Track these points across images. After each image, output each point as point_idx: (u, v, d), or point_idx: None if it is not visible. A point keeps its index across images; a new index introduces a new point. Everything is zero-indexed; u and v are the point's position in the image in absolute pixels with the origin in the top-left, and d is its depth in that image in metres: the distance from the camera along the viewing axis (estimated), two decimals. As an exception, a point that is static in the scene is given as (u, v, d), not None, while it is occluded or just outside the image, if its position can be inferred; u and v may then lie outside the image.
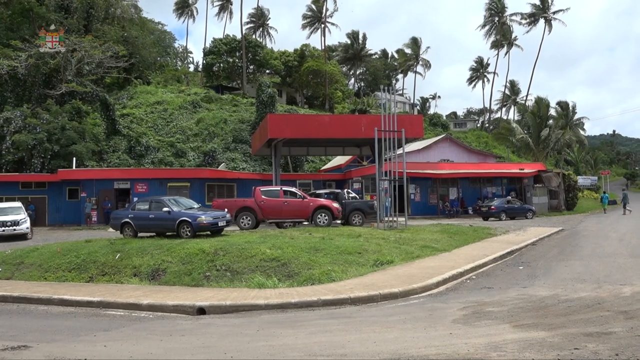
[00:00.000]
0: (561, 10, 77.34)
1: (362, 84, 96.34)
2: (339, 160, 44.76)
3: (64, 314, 9.78)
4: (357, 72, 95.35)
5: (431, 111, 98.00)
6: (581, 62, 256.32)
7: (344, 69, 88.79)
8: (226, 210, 17.75)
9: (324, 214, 19.61)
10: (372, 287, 10.07)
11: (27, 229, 23.20)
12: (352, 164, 41.08)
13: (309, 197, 20.52)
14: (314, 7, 77.80)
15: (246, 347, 6.56)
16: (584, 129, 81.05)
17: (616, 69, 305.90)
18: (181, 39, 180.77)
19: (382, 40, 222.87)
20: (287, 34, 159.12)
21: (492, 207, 30.31)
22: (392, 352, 5.88)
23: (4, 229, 22.40)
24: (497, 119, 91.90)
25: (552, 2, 76.03)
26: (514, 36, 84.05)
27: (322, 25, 77.55)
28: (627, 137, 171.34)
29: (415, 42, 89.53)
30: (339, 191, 24.18)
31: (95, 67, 41.88)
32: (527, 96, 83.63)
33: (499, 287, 10.41)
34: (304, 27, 79.89)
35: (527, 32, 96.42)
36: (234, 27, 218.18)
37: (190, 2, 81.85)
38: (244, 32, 68.57)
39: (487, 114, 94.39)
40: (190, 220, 15.68)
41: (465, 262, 12.78)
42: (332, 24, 78.16)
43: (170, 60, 77.66)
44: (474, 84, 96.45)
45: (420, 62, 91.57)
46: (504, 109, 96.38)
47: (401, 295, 9.71)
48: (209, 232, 16.33)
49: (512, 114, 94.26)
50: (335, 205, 20.06)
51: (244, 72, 65.34)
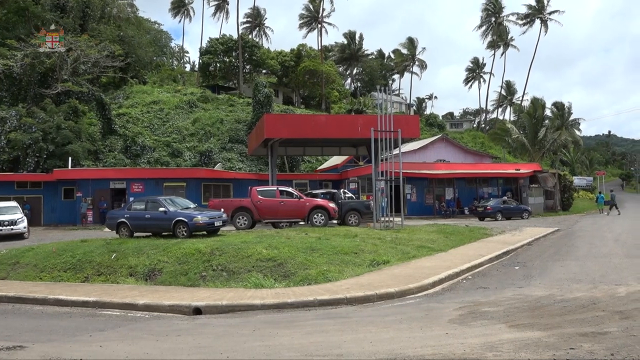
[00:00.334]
0: (557, 11, 77.90)
1: (359, 84, 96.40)
2: (336, 160, 44.78)
3: (60, 314, 9.74)
4: (354, 72, 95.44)
5: (427, 111, 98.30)
6: (577, 62, 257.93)
7: (341, 69, 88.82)
8: (222, 210, 17.69)
9: (320, 214, 19.62)
10: (369, 287, 10.07)
11: (25, 228, 23.14)
12: (349, 164, 41.09)
13: (305, 197, 20.51)
14: (310, 6, 77.87)
15: (242, 347, 6.55)
16: (579, 130, 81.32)
17: (611, 69, 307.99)
18: (177, 38, 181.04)
19: (379, 40, 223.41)
20: (283, 34, 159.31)
21: (488, 207, 30.43)
22: (388, 352, 5.89)
23: (1, 228, 22.32)
24: (493, 119, 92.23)
25: (548, 2, 76.48)
26: (510, 37, 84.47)
27: (319, 25, 77.67)
28: (623, 137, 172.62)
29: (411, 43, 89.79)
30: (336, 191, 24.18)
31: (91, 67, 41.73)
32: (523, 96, 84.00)
33: (495, 287, 10.43)
34: (301, 27, 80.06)
35: (524, 33, 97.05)
36: (231, 27, 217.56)
37: (186, 1, 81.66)
38: (240, 31, 68.50)
39: (483, 115, 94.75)
40: (186, 220, 15.65)
41: (461, 262, 12.80)
42: (329, 24, 78.41)
43: (166, 59, 77.58)
44: (470, 84, 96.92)
45: (416, 63, 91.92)
46: (500, 110, 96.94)
47: (397, 295, 9.71)
48: (205, 232, 16.29)
49: (508, 115, 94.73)
50: (331, 205, 20.08)
51: (241, 72, 65.28)
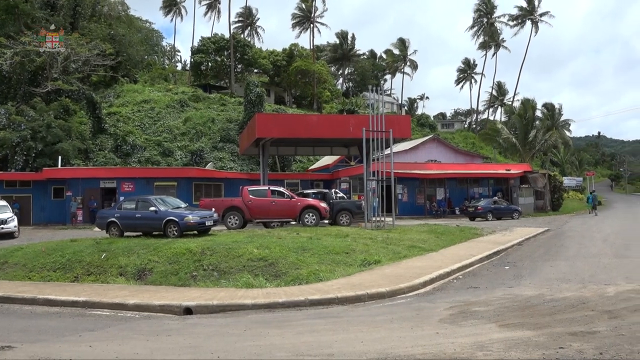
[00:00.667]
0: (547, 12, 78.41)
1: (351, 84, 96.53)
2: (327, 160, 44.77)
3: (49, 314, 9.66)
4: (346, 72, 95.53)
5: (419, 112, 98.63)
6: (567, 63, 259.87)
7: (333, 69, 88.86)
8: (213, 209, 17.64)
9: (311, 214, 19.62)
10: (360, 286, 10.08)
11: (15, 227, 22.88)
12: (340, 164, 41.09)
13: (296, 197, 20.51)
14: (303, 6, 77.76)
15: (233, 347, 6.54)
16: (569, 131, 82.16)
17: (601, 70, 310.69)
18: (169, 37, 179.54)
19: (371, 40, 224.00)
20: (275, 34, 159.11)
21: (479, 207, 30.61)
22: (379, 351, 5.89)
23: None
24: (484, 120, 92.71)
25: (538, 4, 77.09)
26: (501, 38, 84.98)
27: (312, 24, 77.57)
28: (612, 138, 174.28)
29: (403, 43, 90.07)
30: (327, 191, 24.21)
31: (81, 65, 41.46)
32: (514, 97, 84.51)
33: (485, 287, 10.48)
34: (294, 26, 79.93)
35: (515, 34, 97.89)
36: (222, 26, 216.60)
37: (177, 0, 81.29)
38: (232, 31, 68.30)
39: (475, 115, 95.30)
40: (177, 219, 15.56)
41: (452, 262, 12.85)
42: (322, 24, 78.30)
43: (157, 58, 77.09)
44: (461, 85, 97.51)
45: (408, 63, 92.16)
46: (491, 110, 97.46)
47: (388, 295, 9.73)
48: (196, 232, 16.22)
49: (499, 115, 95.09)
50: (322, 205, 20.08)
51: (232, 71, 65.08)
